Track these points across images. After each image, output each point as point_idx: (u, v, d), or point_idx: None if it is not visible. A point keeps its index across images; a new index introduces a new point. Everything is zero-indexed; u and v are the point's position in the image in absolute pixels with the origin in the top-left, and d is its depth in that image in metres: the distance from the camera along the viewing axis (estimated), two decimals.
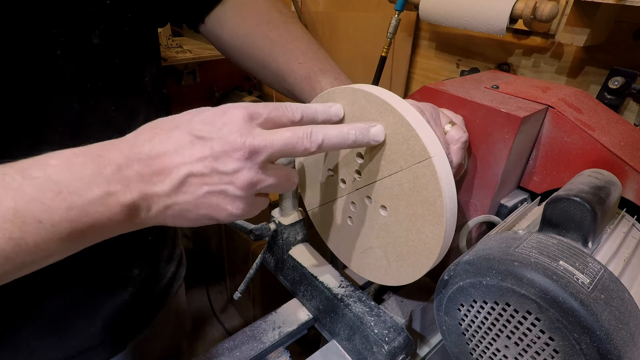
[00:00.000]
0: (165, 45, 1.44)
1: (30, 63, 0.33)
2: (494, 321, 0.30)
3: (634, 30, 0.70)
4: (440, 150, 0.33)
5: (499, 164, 0.42)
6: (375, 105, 0.34)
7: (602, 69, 0.76)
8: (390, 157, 0.35)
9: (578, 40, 0.69)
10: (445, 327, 0.34)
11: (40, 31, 0.33)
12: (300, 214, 0.54)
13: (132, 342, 0.54)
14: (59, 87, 0.36)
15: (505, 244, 0.30)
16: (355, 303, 0.46)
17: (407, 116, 0.32)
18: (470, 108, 0.43)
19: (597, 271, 0.27)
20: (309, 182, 0.47)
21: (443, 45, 1.03)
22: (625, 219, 0.39)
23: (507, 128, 0.40)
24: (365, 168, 0.38)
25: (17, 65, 0.32)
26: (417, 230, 0.36)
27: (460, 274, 0.31)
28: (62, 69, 0.35)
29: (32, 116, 0.35)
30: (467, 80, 0.50)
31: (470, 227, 0.45)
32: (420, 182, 0.33)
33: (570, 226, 0.32)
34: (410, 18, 1.05)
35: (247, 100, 1.61)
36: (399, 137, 0.33)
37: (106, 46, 0.38)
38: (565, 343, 0.26)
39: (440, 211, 0.33)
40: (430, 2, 0.83)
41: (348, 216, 0.43)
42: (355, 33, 1.23)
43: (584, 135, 0.41)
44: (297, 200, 0.53)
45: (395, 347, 0.41)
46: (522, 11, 0.69)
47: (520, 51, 0.88)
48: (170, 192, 0.28)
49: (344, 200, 0.43)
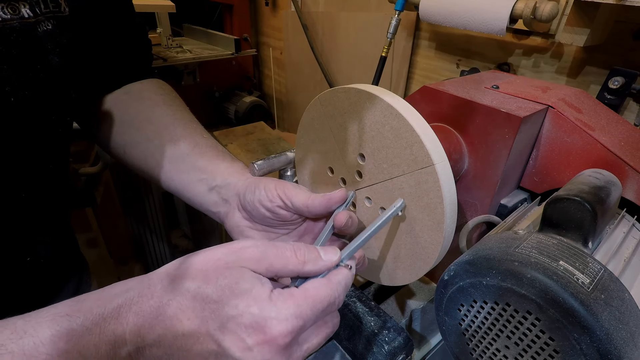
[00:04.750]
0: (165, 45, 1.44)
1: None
2: (494, 321, 0.30)
3: (634, 30, 0.70)
4: (444, 157, 0.32)
5: (499, 164, 0.42)
6: (379, 107, 0.34)
7: (602, 69, 0.76)
8: (393, 160, 0.35)
9: (578, 40, 0.69)
10: (445, 327, 0.34)
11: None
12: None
13: None
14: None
15: (505, 244, 0.30)
16: (355, 303, 0.46)
17: (411, 121, 0.32)
18: (470, 108, 0.43)
19: (597, 271, 0.27)
20: (308, 179, 0.47)
21: (443, 45, 1.03)
22: (625, 219, 0.39)
23: (507, 128, 0.40)
24: (366, 169, 0.38)
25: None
26: (415, 234, 0.36)
27: (460, 274, 0.31)
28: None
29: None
30: (467, 80, 0.50)
31: (470, 227, 0.45)
32: (421, 188, 0.33)
33: (570, 226, 0.31)
34: (410, 18, 1.05)
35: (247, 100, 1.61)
36: (402, 142, 0.33)
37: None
38: (565, 343, 0.26)
39: (441, 218, 0.33)
40: (430, 2, 0.83)
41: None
42: (355, 33, 1.23)
43: (584, 135, 0.41)
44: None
45: (395, 347, 0.41)
46: (522, 11, 0.69)
47: (520, 51, 0.87)
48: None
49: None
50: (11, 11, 0.31)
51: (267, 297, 0.25)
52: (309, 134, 0.43)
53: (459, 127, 0.45)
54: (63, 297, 0.47)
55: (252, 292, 0.25)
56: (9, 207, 0.36)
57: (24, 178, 0.37)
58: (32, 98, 0.34)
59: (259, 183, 0.40)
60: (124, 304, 0.25)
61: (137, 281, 0.27)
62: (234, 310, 0.24)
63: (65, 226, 0.51)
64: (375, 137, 0.35)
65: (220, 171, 0.43)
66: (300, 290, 0.27)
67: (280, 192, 0.38)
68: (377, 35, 1.15)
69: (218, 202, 0.43)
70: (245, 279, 0.25)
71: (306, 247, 0.29)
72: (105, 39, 0.46)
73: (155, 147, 0.46)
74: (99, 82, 0.48)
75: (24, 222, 0.39)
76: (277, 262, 0.27)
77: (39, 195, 0.40)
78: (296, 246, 0.29)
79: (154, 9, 1.35)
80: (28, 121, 0.35)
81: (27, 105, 0.34)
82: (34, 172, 0.38)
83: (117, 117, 0.48)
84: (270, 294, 0.26)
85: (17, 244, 0.39)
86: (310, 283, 0.28)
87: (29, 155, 0.37)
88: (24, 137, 0.35)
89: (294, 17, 1.35)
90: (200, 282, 0.25)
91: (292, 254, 0.28)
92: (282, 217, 0.39)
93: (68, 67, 0.38)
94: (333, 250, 0.30)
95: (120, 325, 0.24)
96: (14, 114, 0.33)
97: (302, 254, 0.28)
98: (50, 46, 0.35)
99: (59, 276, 0.48)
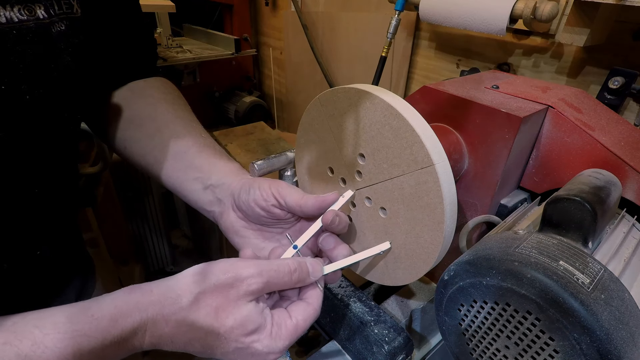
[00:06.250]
0: (165, 45, 1.44)
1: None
2: (494, 321, 0.30)
3: (634, 30, 0.70)
4: (444, 157, 0.32)
5: (499, 164, 0.42)
6: (379, 108, 0.34)
7: (602, 69, 0.76)
8: (393, 160, 0.35)
9: (578, 40, 0.69)
10: (445, 327, 0.34)
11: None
12: None
13: None
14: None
15: (505, 244, 0.30)
16: (355, 303, 0.46)
17: (411, 121, 0.32)
18: (470, 108, 0.43)
19: (597, 271, 0.27)
20: (308, 179, 0.47)
21: (443, 45, 1.03)
22: (625, 219, 0.39)
23: (507, 128, 0.40)
24: (366, 169, 0.38)
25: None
26: (415, 234, 0.36)
27: (460, 274, 0.31)
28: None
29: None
30: (467, 80, 0.50)
31: (470, 227, 0.45)
32: (421, 188, 0.33)
33: (571, 226, 0.31)
34: (410, 18, 1.05)
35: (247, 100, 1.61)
36: (402, 142, 0.33)
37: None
38: (565, 343, 0.26)
39: (441, 218, 0.33)
40: (430, 2, 0.83)
41: (347, 216, 0.43)
42: (355, 33, 1.23)
43: (584, 135, 0.41)
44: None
45: (395, 347, 0.41)
46: (522, 11, 0.69)
47: (520, 51, 0.87)
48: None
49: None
50: (27, 12, 0.32)
51: (269, 334, 0.31)
52: (309, 134, 0.43)
53: (459, 127, 0.45)
54: (68, 293, 0.48)
55: (257, 330, 0.30)
56: (22, 203, 0.37)
57: (37, 174, 0.38)
58: (46, 96, 0.35)
59: (254, 183, 0.40)
60: (140, 328, 0.28)
61: (148, 300, 0.29)
62: (242, 345, 0.30)
63: (72, 223, 0.52)
64: (375, 137, 0.35)
65: (216, 170, 0.44)
66: (293, 324, 0.32)
67: (275, 191, 0.39)
68: (377, 35, 1.15)
69: (213, 201, 0.44)
70: (253, 319, 0.30)
71: (300, 267, 0.33)
72: (113, 38, 0.47)
73: (155, 144, 0.46)
74: (106, 79, 0.49)
75: (35, 218, 0.40)
76: (276, 287, 0.32)
77: (51, 191, 0.41)
78: (292, 267, 0.33)
79: (154, 9, 1.36)
80: (42, 119, 0.36)
81: (41, 103, 0.35)
82: (46, 168, 0.39)
83: (119, 113, 0.48)
84: (272, 329, 0.31)
85: (27, 239, 0.40)
86: (300, 314, 0.33)
87: (43, 152, 0.38)
88: (37, 134, 0.36)
89: (294, 17, 1.35)
90: (213, 321, 0.29)
91: (289, 278, 0.32)
92: (277, 216, 0.40)
93: (79, 66, 0.38)
94: (319, 269, 0.35)
95: (137, 341, 0.29)
96: (28, 111, 0.34)
97: (297, 277, 0.33)
98: (64, 46, 0.36)
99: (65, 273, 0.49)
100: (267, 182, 0.40)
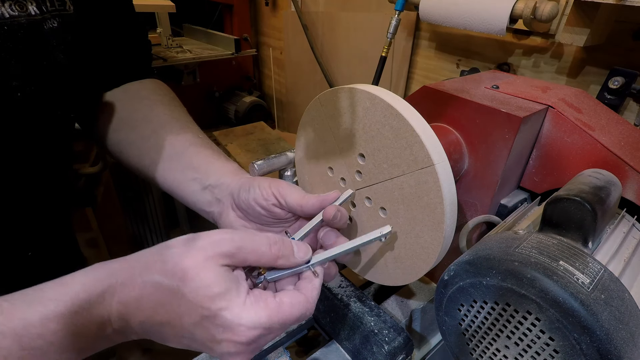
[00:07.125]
0: (165, 45, 1.44)
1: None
2: (494, 321, 0.30)
3: (634, 30, 0.70)
4: (444, 157, 0.32)
5: (499, 164, 0.42)
6: (379, 108, 0.34)
7: (602, 69, 0.76)
8: (393, 160, 0.35)
9: (578, 40, 0.69)
10: (445, 327, 0.34)
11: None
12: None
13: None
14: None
15: (505, 244, 0.30)
16: (355, 303, 0.46)
17: (411, 121, 0.32)
18: (470, 108, 0.43)
19: (597, 271, 0.27)
20: (308, 179, 0.47)
21: (443, 45, 1.03)
22: (625, 219, 0.39)
23: (507, 128, 0.40)
24: (366, 169, 0.38)
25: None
26: (416, 234, 0.36)
27: (460, 274, 0.31)
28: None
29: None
30: (467, 80, 0.50)
31: (470, 227, 0.45)
32: (422, 188, 0.33)
33: (571, 226, 0.31)
34: (410, 18, 1.05)
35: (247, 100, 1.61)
36: (402, 142, 0.33)
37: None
38: (565, 343, 0.26)
39: (441, 218, 0.33)
40: (430, 2, 0.83)
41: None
42: (355, 33, 1.23)
43: (584, 135, 0.41)
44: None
45: (395, 347, 0.41)
46: (522, 11, 0.69)
47: (520, 51, 0.87)
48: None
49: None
50: (19, 8, 0.32)
51: (242, 303, 0.27)
52: (309, 134, 0.43)
53: (459, 127, 0.45)
54: None
55: (227, 295, 0.27)
56: (14, 202, 0.37)
57: (29, 173, 0.38)
58: (38, 93, 0.34)
59: (253, 182, 0.40)
60: (108, 291, 0.27)
61: (120, 266, 0.28)
62: (208, 312, 0.27)
63: (66, 223, 0.51)
64: (375, 137, 0.35)
65: (214, 170, 0.43)
66: (276, 302, 0.28)
67: (275, 190, 0.39)
68: (377, 35, 1.15)
69: (211, 201, 0.43)
70: (220, 282, 0.27)
71: (282, 242, 0.31)
72: (107, 38, 0.47)
73: (151, 145, 0.46)
74: (100, 79, 0.49)
75: (28, 217, 0.40)
76: (251, 256, 0.29)
77: (43, 191, 0.40)
78: (272, 240, 0.30)
79: (154, 9, 1.35)
80: (33, 116, 0.35)
81: (33, 100, 0.34)
82: (38, 167, 0.39)
83: (114, 115, 0.48)
84: (246, 298, 0.28)
85: (18, 240, 0.39)
86: (287, 297, 0.29)
87: (34, 151, 0.37)
88: (29, 132, 0.36)
89: (294, 17, 1.35)
90: (178, 282, 0.27)
91: (267, 249, 0.30)
92: (277, 215, 0.40)
93: (72, 64, 0.38)
94: (305, 249, 0.32)
95: (105, 310, 0.27)
96: (20, 108, 0.33)
97: (277, 249, 0.30)
98: (56, 43, 0.35)
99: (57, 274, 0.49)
100: (267, 181, 0.40)
